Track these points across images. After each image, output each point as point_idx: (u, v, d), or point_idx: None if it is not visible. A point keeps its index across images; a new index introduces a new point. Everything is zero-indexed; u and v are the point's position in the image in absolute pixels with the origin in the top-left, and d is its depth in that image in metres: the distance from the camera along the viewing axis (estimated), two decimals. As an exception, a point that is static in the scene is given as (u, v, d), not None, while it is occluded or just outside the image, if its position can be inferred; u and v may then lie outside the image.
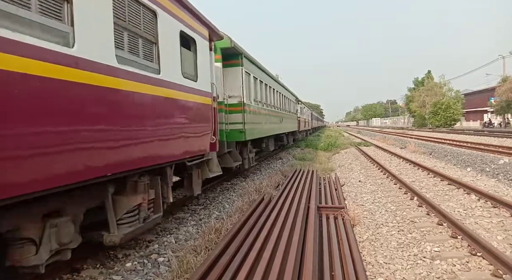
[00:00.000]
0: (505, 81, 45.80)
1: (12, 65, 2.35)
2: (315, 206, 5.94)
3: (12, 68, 2.35)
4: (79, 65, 2.99)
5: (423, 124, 58.06)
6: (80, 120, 3.03)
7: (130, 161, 3.78)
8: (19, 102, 2.43)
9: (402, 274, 3.86)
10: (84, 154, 3.09)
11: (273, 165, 14.31)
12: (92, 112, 3.20)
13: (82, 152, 3.06)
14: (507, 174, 9.42)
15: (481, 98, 58.14)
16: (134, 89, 3.86)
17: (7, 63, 2.32)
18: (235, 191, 8.80)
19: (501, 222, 5.49)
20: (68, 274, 4.02)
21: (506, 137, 22.99)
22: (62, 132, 2.83)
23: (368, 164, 13.65)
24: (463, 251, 4.41)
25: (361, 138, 32.90)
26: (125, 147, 3.70)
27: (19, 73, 2.41)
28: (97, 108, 3.27)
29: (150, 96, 4.22)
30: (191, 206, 7.38)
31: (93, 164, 3.21)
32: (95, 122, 3.22)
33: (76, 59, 2.97)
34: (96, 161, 3.25)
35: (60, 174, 2.81)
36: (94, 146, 3.21)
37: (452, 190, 7.95)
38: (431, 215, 5.97)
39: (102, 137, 3.34)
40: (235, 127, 8.99)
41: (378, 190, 8.46)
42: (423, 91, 57.21)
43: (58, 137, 2.78)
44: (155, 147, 4.31)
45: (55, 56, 2.74)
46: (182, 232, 5.60)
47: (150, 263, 4.39)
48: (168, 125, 4.70)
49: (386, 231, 5.34)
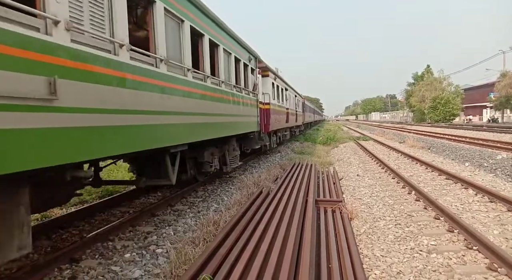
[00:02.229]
0: (505, 76, 45.76)
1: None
2: (313, 200, 5.96)
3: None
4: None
5: (422, 119, 58.08)
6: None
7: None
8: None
9: (399, 267, 3.90)
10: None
11: (272, 158, 14.33)
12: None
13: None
14: (504, 169, 9.47)
15: (481, 93, 58.13)
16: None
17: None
18: (234, 184, 8.83)
19: (498, 216, 5.53)
20: (67, 265, 4.04)
21: (504, 132, 23.04)
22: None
23: (366, 158, 13.68)
24: (460, 245, 4.45)
25: (360, 133, 32.92)
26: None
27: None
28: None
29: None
30: (190, 198, 7.40)
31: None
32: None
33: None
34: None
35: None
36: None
37: (450, 185, 7.99)
38: (428, 209, 6.00)
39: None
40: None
41: (376, 184, 8.50)
42: (422, 86, 57.11)
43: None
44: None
45: None
46: (181, 224, 5.62)
47: (149, 254, 4.42)
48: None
49: (383, 225, 5.37)
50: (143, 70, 4.22)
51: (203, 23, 6.36)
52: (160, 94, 4.63)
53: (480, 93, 58.66)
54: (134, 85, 4.00)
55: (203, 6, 6.20)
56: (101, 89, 3.39)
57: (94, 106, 3.27)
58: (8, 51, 2.39)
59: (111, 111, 3.53)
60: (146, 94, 4.26)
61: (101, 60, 3.42)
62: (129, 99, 3.86)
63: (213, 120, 6.75)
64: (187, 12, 5.62)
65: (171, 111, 4.95)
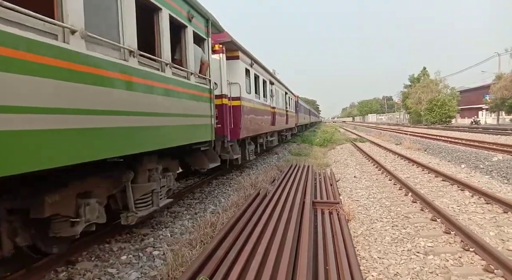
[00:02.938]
0: (500, 79, 46.08)
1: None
2: (310, 201, 5.97)
3: None
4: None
5: (419, 121, 58.35)
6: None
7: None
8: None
9: (396, 268, 3.90)
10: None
11: (269, 160, 14.33)
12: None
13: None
14: (500, 171, 9.52)
15: (476, 95, 58.48)
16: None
17: None
18: (231, 186, 8.81)
19: (494, 218, 5.56)
20: (63, 267, 4.01)
21: (500, 134, 23.18)
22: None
23: (363, 160, 13.71)
24: (456, 246, 4.46)
25: (357, 134, 33.01)
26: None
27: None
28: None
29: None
30: (186, 200, 7.38)
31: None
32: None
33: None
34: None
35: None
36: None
37: (446, 186, 8.02)
38: (425, 210, 6.02)
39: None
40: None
41: (373, 186, 8.51)
42: (418, 88, 57.40)
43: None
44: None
45: None
46: (178, 226, 5.60)
47: (145, 256, 4.39)
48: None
49: (380, 226, 5.38)
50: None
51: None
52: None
53: (476, 95, 59.02)
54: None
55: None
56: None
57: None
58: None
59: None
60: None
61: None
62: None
63: (74, 123, 3.08)
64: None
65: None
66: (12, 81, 2.44)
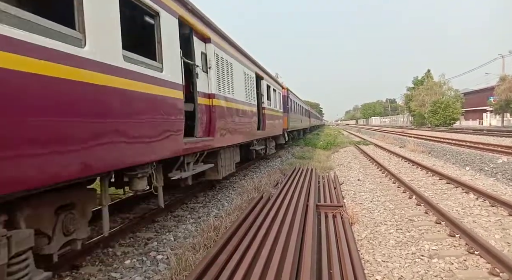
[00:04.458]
0: (504, 80, 45.86)
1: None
2: (313, 205, 5.95)
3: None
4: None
5: (422, 123, 58.08)
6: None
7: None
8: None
9: (400, 272, 3.88)
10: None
11: (272, 163, 14.32)
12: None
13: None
14: (505, 173, 9.45)
15: (480, 97, 58.17)
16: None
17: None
18: (234, 190, 8.81)
19: (499, 221, 5.51)
20: (67, 272, 4.03)
21: (505, 137, 23.02)
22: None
23: (367, 163, 13.66)
24: (461, 249, 4.42)
25: (360, 137, 32.91)
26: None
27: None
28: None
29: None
30: (190, 204, 7.39)
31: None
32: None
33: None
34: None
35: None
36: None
37: (451, 189, 7.97)
38: (430, 213, 5.98)
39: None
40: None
41: (377, 189, 8.48)
42: (422, 90, 57.20)
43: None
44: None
45: None
46: (181, 230, 5.61)
47: (149, 260, 4.40)
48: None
49: (384, 230, 5.35)
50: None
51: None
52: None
53: (480, 97, 58.71)
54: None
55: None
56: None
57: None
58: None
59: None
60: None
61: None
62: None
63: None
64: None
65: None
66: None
